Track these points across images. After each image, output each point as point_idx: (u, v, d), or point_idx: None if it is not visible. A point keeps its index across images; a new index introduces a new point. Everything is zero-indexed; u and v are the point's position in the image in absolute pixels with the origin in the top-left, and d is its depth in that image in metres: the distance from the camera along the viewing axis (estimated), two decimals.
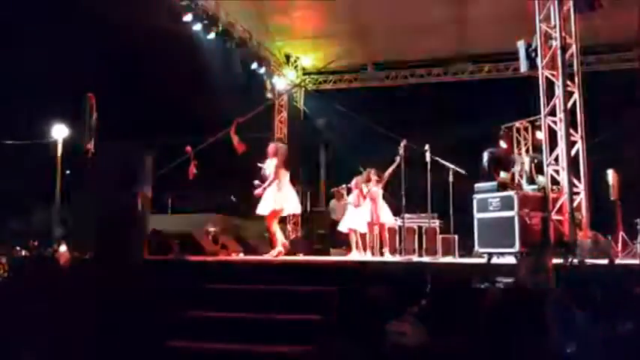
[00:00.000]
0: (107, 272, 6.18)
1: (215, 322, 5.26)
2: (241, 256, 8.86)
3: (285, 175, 7.84)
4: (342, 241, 9.52)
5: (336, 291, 5.35)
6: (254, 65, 11.77)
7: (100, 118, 7.66)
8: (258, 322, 5.21)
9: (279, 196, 7.69)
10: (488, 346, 2.73)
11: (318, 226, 11.33)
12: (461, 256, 8.72)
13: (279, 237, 7.78)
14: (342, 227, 9.34)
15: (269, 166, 7.81)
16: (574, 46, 6.96)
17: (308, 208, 12.93)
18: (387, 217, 8.88)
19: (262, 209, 7.75)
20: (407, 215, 8.55)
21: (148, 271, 6.51)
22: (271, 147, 7.94)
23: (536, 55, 7.15)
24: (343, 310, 5.14)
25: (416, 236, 9.61)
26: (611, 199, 9.03)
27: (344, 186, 10.19)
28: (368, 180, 8.88)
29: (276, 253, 7.61)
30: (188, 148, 8.17)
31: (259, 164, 8.74)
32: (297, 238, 12.42)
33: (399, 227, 9.33)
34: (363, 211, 8.88)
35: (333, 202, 11.09)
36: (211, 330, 5.16)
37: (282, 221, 13.63)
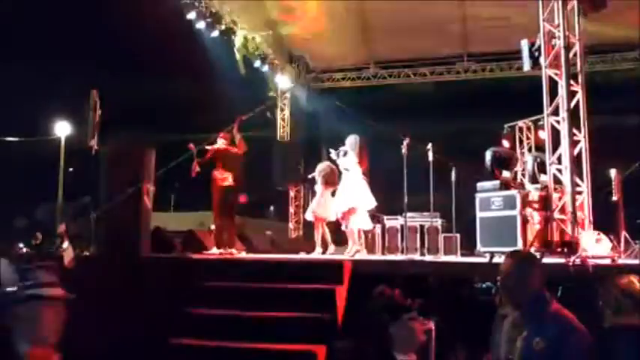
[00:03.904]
0: (109, 269, 6.20)
1: (218, 319, 5.27)
2: (243, 254, 8.84)
3: (358, 170, 7.60)
4: (344, 240, 9.50)
5: (337, 289, 5.36)
6: (257, 63, 11.76)
7: (103, 114, 7.66)
8: (259, 320, 5.22)
9: (350, 195, 7.50)
10: None
11: None
12: (463, 255, 8.72)
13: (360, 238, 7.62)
14: (344, 226, 9.31)
15: (346, 160, 7.61)
16: (577, 46, 6.94)
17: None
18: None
19: (335, 210, 7.65)
20: (409, 214, 8.53)
21: (151, 268, 6.52)
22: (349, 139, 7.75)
23: (540, 54, 7.13)
24: (347, 308, 5.15)
25: (418, 235, 9.59)
26: (614, 198, 8.99)
27: None
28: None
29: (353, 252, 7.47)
30: (191, 145, 8.13)
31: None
32: (298, 237, 12.42)
33: (401, 226, 9.31)
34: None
35: None
36: (214, 328, 5.17)
37: (284, 220, 13.65)
